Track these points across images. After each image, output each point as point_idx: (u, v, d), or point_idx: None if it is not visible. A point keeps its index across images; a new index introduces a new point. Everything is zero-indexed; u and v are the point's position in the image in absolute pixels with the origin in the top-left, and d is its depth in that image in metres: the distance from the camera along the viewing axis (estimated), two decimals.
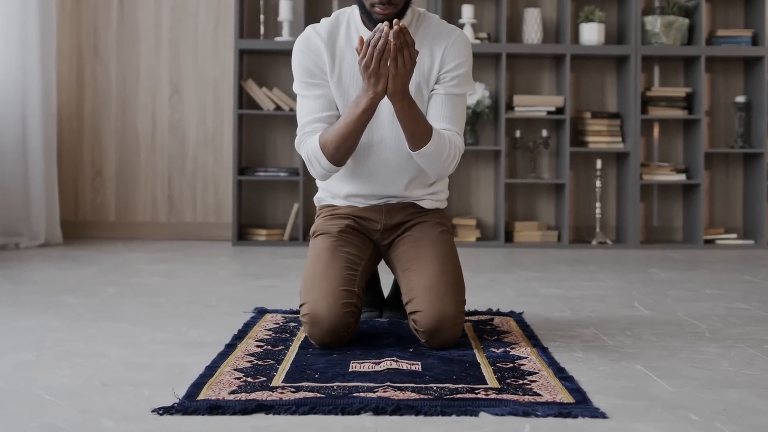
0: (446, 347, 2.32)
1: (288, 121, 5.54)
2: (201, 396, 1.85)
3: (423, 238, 2.49)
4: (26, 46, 5.01)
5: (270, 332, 2.55)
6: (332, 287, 2.33)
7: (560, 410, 1.77)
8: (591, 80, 5.65)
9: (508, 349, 2.33)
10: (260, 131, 5.56)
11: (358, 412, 1.76)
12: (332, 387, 1.93)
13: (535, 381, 2.00)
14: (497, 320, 2.77)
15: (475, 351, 2.30)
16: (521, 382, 1.99)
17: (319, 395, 1.86)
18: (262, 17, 5.47)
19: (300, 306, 2.36)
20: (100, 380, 2.00)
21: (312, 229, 2.59)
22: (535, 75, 5.62)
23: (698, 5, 5.41)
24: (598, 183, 5.48)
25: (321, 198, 2.63)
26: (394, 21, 2.23)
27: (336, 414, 1.75)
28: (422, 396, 1.86)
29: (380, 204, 2.54)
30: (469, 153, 5.45)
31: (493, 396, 1.87)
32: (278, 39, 5.34)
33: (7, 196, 4.94)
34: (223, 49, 5.55)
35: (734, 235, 5.49)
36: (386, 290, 2.94)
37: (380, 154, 2.48)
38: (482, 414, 1.76)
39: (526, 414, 1.75)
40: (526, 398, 1.86)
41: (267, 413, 1.76)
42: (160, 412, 1.75)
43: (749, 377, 2.09)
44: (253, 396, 1.85)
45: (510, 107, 5.47)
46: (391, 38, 2.21)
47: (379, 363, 2.15)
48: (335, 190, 2.57)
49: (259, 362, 2.17)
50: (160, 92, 5.56)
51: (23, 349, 2.32)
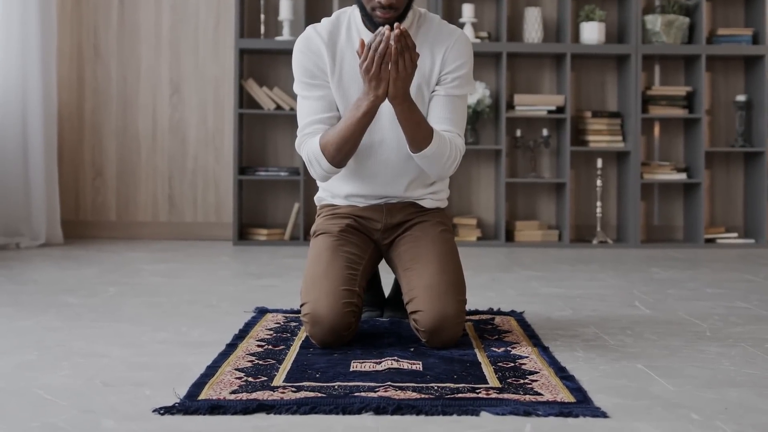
0: (447, 347, 2.32)
1: (288, 121, 5.54)
2: (202, 396, 1.85)
3: (423, 238, 2.48)
4: (27, 46, 5.01)
5: (271, 332, 2.55)
6: (333, 287, 2.33)
7: (561, 410, 1.77)
8: (591, 79, 5.65)
9: (509, 349, 2.33)
10: (261, 131, 5.56)
11: (359, 412, 1.76)
12: (333, 387, 1.93)
13: (536, 380, 2.00)
14: (498, 320, 2.77)
15: (476, 350, 2.30)
16: (522, 382, 1.99)
17: (320, 395, 1.86)
18: (263, 17, 5.47)
19: (301, 305, 2.36)
20: (101, 380, 2.00)
21: (312, 229, 2.58)
22: (536, 74, 5.62)
23: (699, 4, 5.41)
24: (599, 182, 5.48)
25: (321, 197, 2.63)
26: (395, 24, 2.22)
27: (337, 414, 1.75)
28: (423, 395, 1.86)
29: (381, 203, 2.54)
30: (470, 152, 5.44)
31: (494, 395, 1.87)
32: (279, 38, 5.34)
33: (8, 196, 4.94)
34: (224, 49, 5.55)
35: (735, 234, 5.49)
36: (387, 290, 2.94)
37: (381, 155, 2.48)
38: (483, 413, 1.75)
39: (527, 413, 1.75)
40: (527, 398, 1.86)
41: (268, 413, 1.76)
42: (161, 412, 1.75)
43: (750, 376, 2.09)
44: (254, 396, 1.85)
45: (510, 106, 5.47)
46: (392, 42, 2.20)
47: (380, 362, 2.15)
48: (336, 190, 2.57)
49: (260, 362, 2.17)
50: (161, 92, 5.56)
51: (24, 349, 2.32)
